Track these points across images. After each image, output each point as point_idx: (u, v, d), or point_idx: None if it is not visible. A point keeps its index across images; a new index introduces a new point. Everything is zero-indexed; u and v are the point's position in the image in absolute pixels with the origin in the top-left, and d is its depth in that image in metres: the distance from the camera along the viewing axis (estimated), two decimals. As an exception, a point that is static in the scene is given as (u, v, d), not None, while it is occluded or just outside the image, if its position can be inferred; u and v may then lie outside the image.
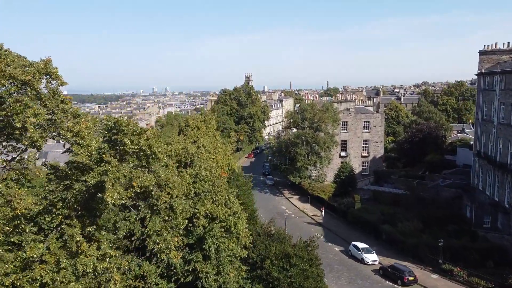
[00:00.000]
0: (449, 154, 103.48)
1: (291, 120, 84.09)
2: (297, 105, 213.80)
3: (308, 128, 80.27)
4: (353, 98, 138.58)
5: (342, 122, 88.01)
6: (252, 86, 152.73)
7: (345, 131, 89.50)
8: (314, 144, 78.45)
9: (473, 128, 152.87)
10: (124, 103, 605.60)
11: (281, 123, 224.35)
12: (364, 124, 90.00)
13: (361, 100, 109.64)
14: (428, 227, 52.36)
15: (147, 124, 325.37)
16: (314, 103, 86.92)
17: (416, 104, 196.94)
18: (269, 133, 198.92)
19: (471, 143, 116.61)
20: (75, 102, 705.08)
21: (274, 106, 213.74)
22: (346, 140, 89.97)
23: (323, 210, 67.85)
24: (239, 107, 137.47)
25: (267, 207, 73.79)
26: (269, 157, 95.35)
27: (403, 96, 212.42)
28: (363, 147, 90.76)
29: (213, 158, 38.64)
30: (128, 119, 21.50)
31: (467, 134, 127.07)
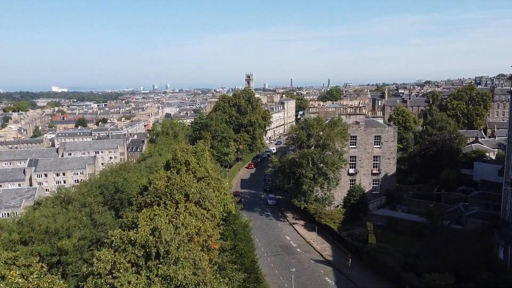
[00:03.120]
0: (464, 166, 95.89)
1: (296, 137, 75.93)
2: (300, 112, 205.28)
3: (314, 146, 72.43)
4: (359, 104, 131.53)
5: (351, 136, 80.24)
6: (252, 91, 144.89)
7: (354, 146, 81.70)
8: (321, 164, 70.55)
9: (485, 135, 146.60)
10: (124, 101, 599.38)
11: (283, 126, 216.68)
12: (375, 139, 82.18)
13: (369, 112, 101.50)
14: (459, 277, 44.42)
15: (145, 126, 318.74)
16: (320, 117, 78.86)
17: (423, 108, 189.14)
18: (270, 137, 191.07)
19: (487, 154, 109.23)
20: (75, 100, 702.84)
21: (276, 109, 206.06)
22: (355, 156, 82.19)
23: (350, 259, 54.74)
24: (238, 114, 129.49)
25: (269, 237, 66.06)
26: (270, 169, 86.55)
27: (409, 99, 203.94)
28: (373, 163, 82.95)
29: (200, 227, 30.70)
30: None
31: (482, 144, 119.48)
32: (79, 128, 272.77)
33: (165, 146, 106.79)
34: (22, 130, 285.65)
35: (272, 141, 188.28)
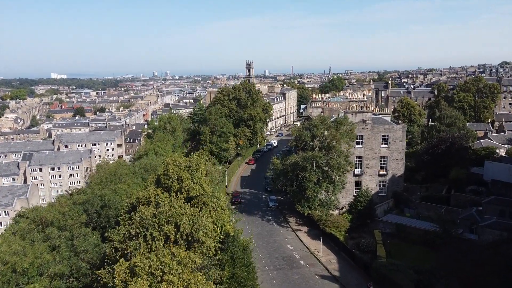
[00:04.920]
0: (473, 164, 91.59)
1: (299, 138, 71.27)
2: (303, 106, 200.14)
3: (318, 149, 67.99)
4: (363, 96, 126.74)
5: (357, 136, 75.79)
6: (253, 84, 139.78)
7: (360, 146, 77.27)
8: (326, 168, 66.18)
9: (492, 128, 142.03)
10: (123, 89, 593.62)
11: (284, 117, 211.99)
12: (383, 138, 77.70)
13: (375, 109, 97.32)
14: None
15: (144, 115, 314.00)
16: (325, 117, 74.31)
17: (428, 99, 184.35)
18: (271, 129, 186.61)
19: (497, 150, 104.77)
20: (74, 87, 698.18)
21: (277, 99, 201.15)
22: (361, 157, 77.78)
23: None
24: (238, 108, 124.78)
25: (270, 246, 61.92)
26: (273, 169, 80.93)
27: (413, 89, 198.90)
28: (380, 164, 78.58)
29: (190, 280, 26.27)
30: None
31: (491, 140, 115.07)
32: (76, 118, 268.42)
33: (162, 144, 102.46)
34: (19, 120, 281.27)
35: (273, 133, 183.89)
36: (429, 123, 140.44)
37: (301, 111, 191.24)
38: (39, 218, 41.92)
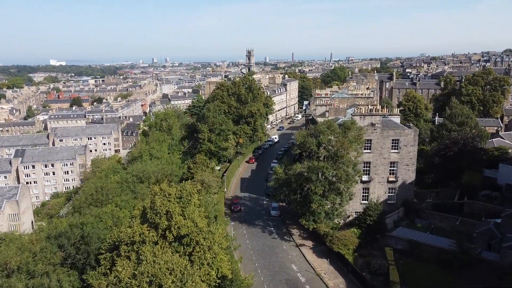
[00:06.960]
0: (486, 166, 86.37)
1: (304, 146, 65.59)
2: (306, 103, 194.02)
3: (324, 157, 62.68)
4: (369, 93, 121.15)
5: (366, 140, 70.48)
6: (253, 79, 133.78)
7: (369, 151, 71.91)
8: (333, 178, 60.99)
9: (502, 123, 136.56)
10: (122, 77, 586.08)
11: (285, 109, 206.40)
12: (393, 143, 72.33)
13: (382, 109, 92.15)
14: None
15: (142, 105, 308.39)
16: (331, 121, 68.93)
17: (434, 92, 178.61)
18: (272, 122, 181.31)
19: (510, 151, 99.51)
20: (72, 74, 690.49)
21: (278, 91, 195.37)
22: (369, 162, 72.49)
23: None
24: (238, 104, 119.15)
25: (272, 266, 56.87)
26: (275, 178, 74.50)
27: (418, 81, 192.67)
28: (390, 170, 73.36)
29: None
30: None
31: (504, 139, 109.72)
32: (73, 109, 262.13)
33: (157, 145, 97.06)
34: (14, 111, 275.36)
35: (274, 126, 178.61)
36: (436, 118, 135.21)
37: (303, 107, 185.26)
38: (3, 263, 36.56)
